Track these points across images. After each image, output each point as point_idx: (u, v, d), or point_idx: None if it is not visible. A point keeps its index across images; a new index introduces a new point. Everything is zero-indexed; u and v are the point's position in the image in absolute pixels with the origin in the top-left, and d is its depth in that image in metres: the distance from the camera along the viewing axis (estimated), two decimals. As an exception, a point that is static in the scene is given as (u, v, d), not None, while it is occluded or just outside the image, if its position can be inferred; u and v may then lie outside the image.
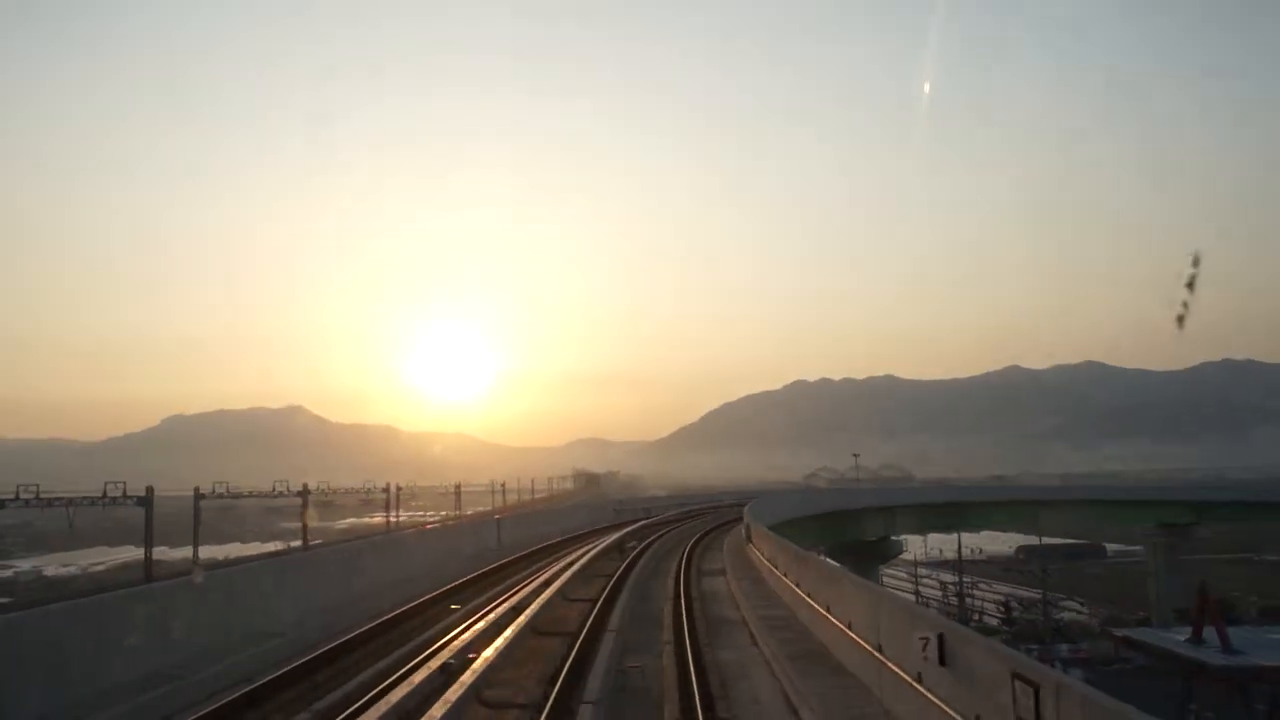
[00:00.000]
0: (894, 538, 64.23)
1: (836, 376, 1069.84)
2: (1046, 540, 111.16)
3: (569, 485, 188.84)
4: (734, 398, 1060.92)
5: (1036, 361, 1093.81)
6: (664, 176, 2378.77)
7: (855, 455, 74.97)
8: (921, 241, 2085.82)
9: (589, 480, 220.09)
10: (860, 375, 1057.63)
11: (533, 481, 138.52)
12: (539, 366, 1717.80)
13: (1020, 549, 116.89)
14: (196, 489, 51.60)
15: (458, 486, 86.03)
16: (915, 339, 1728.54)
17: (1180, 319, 7.15)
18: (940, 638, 10.26)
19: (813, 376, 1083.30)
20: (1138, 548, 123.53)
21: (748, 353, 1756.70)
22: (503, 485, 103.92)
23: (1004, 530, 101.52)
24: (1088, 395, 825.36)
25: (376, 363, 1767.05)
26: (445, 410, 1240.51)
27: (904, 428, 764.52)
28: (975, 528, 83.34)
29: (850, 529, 52.66)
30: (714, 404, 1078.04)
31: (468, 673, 13.96)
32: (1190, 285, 6.94)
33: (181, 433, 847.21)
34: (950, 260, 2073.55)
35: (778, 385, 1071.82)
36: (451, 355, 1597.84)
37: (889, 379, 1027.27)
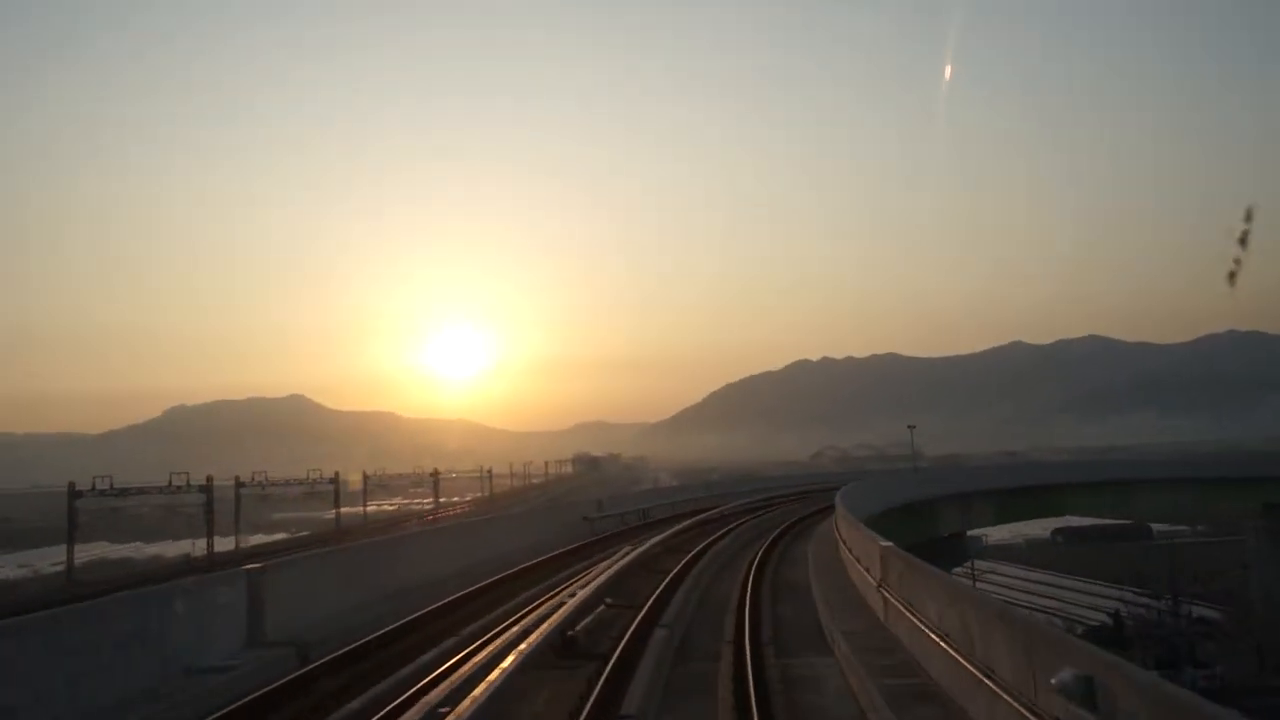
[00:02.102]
0: (970, 532, 53.59)
1: (839, 355, 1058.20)
2: (1081, 522, 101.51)
3: (569, 469, 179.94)
4: (736, 378, 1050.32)
5: (1040, 336, 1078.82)
6: (664, 159, 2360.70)
7: (911, 426, 63.74)
8: (923, 219, 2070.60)
9: (589, 464, 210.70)
10: (862, 354, 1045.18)
11: (526, 466, 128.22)
12: (541, 351, 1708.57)
13: (1057, 531, 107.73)
14: (72, 484, 42.08)
15: (435, 473, 75.17)
16: (918, 317, 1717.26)
17: (1232, 275, 6.81)
18: None
19: (815, 356, 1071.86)
20: (1183, 528, 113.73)
21: (749, 333, 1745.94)
22: (489, 471, 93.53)
23: (1095, 516, 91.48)
24: (1092, 369, 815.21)
25: (377, 350, 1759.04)
26: (447, 396, 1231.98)
27: (908, 406, 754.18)
28: (1062, 513, 73.00)
29: (925, 524, 42.76)
30: (716, 385, 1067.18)
31: None
32: (1243, 241, 6.64)
33: (184, 423, 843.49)
34: (952, 237, 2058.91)
35: (780, 365, 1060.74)
36: (453, 341, 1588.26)
37: (892, 357, 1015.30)
